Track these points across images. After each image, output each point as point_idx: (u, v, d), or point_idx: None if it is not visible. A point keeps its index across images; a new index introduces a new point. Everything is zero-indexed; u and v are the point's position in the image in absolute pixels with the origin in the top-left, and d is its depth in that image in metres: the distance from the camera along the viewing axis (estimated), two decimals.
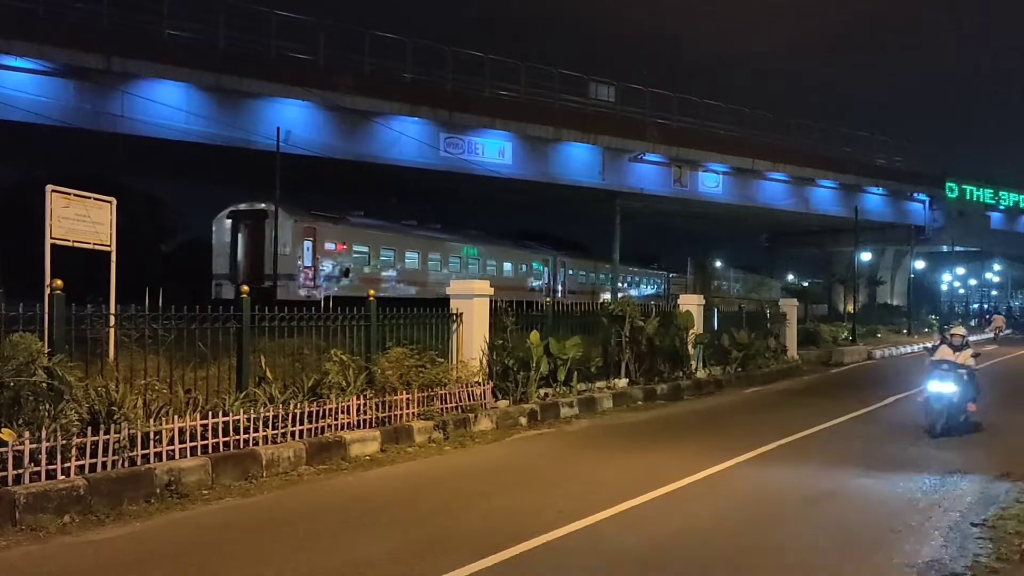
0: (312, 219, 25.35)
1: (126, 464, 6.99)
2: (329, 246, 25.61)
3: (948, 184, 49.43)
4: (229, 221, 25.24)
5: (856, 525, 6.67)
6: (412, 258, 29.12)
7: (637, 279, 47.18)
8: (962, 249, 55.81)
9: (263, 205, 24.36)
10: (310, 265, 24.59)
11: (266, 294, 8.57)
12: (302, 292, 23.78)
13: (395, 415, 9.78)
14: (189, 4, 26.21)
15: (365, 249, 27.15)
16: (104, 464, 6.83)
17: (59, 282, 7.37)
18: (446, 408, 10.55)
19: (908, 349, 31.08)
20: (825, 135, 42.50)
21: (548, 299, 21.60)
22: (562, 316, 14.26)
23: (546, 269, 36.79)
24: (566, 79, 33.16)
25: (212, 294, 23.07)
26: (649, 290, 47.25)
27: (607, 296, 16.33)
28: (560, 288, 36.65)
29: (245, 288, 9.43)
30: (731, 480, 8.36)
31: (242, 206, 25.45)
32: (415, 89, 29.39)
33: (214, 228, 25.85)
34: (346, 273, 25.87)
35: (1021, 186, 55.24)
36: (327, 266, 25.38)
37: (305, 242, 24.61)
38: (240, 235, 24.68)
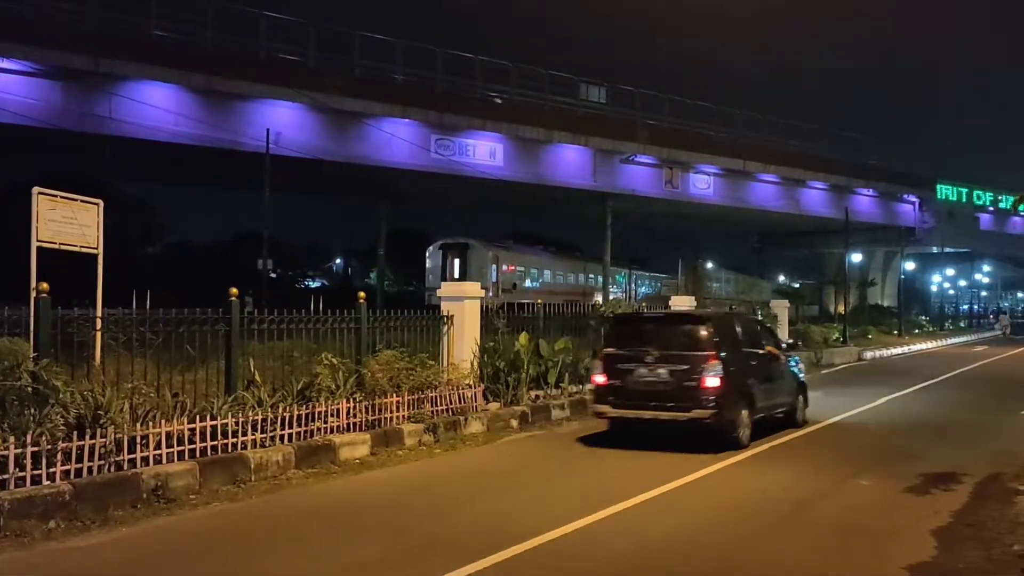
0: (496, 248, 34.91)
1: (112, 469, 6.91)
2: (505, 267, 34.90)
3: (938, 185, 49.73)
4: (440, 250, 34.76)
5: (851, 526, 6.66)
6: (547, 273, 39.12)
7: (621, 279, 47.71)
8: (952, 250, 56.21)
9: (464, 240, 34.35)
10: (495, 281, 33.08)
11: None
12: (490, 298, 29.10)
13: (385, 418, 9.72)
14: (177, 5, 26.09)
15: (522, 269, 36.95)
16: (90, 469, 6.75)
17: (45, 285, 7.29)
18: (437, 411, 10.50)
19: (899, 351, 31.25)
20: (816, 136, 42.65)
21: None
22: (552, 318, 14.23)
23: (624, 279, 45.60)
24: (557, 80, 33.18)
25: (425, 302, 25.95)
26: (642, 291, 47.42)
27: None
28: (632, 292, 44.23)
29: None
30: (724, 482, 8.34)
31: (448, 240, 34.93)
32: (405, 90, 29.35)
33: (428, 253, 35.78)
34: (514, 286, 34.44)
35: (1011, 187, 55.62)
36: (504, 281, 34.22)
37: (492, 265, 33.56)
38: (447, 259, 33.73)
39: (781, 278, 63.12)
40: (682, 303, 18.01)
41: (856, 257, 47.89)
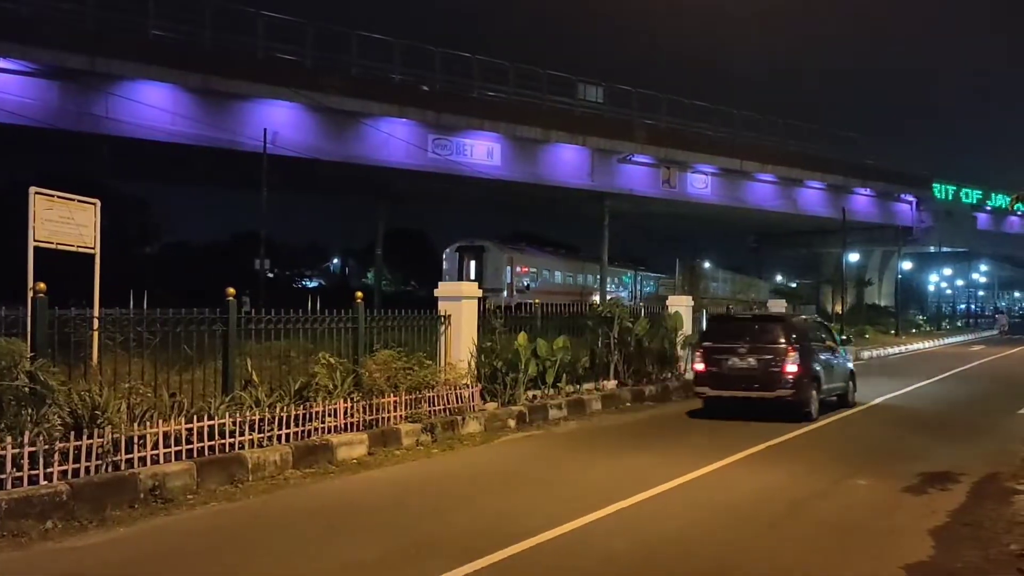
0: (510, 251, 36.20)
1: (110, 469, 6.90)
2: (518, 269, 35.98)
3: (935, 185, 49.81)
4: (457, 253, 35.40)
5: (848, 525, 6.67)
6: (557, 275, 40.08)
7: (615, 279, 48.18)
8: (949, 250, 56.28)
9: (480, 242, 35.41)
10: (510, 282, 34.73)
11: (483, 301, 13.03)
12: (504, 299, 30.39)
13: (383, 418, 9.72)
14: (175, 5, 26.06)
15: (535, 270, 37.87)
16: (87, 469, 6.74)
17: (42, 285, 7.28)
18: (434, 410, 10.50)
19: (896, 350, 31.29)
20: (813, 136, 42.73)
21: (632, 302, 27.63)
22: (550, 318, 14.23)
23: (630, 280, 47.15)
24: (554, 80, 33.22)
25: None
26: (627, 291, 47.55)
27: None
28: (639, 292, 45.80)
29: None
30: (722, 481, 8.35)
31: (465, 243, 35.65)
32: (403, 90, 29.35)
33: (445, 255, 36.36)
34: (527, 287, 35.25)
35: (1008, 187, 55.71)
36: (517, 282, 35.37)
37: (507, 267, 34.84)
38: (464, 261, 34.66)
39: (779, 278, 63.20)
40: (679, 303, 18.02)
41: (853, 257, 47.98)
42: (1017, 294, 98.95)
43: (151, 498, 6.91)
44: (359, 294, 10.91)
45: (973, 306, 77.65)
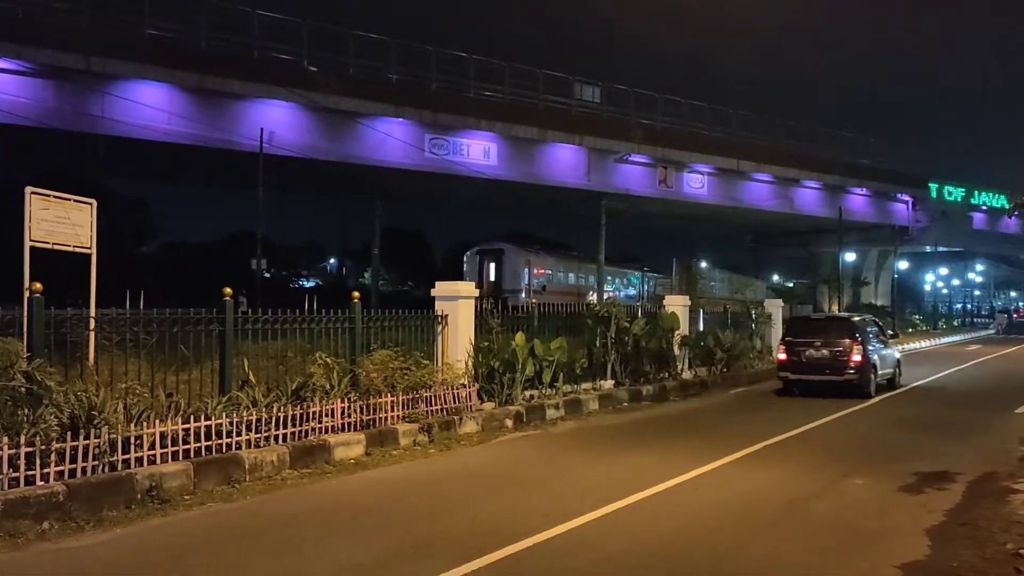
0: (528, 253, 37.92)
1: (106, 469, 6.89)
2: (535, 271, 37.63)
3: (931, 185, 49.87)
4: (477, 255, 37.40)
5: (844, 526, 6.68)
6: (571, 276, 41.49)
7: (624, 280, 48.31)
8: (945, 249, 56.41)
9: (500, 245, 37.68)
10: (527, 283, 36.13)
11: (503, 302, 13.91)
12: (522, 299, 30.99)
13: (380, 418, 9.72)
14: (170, 4, 26.01)
15: (550, 272, 39.41)
16: (84, 469, 6.73)
17: (38, 285, 7.26)
18: (431, 410, 10.50)
19: None
20: (810, 136, 42.79)
21: (642, 302, 28.77)
22: (548, 317, 14.23)
23: (638, 280, 48.09)
24: (551, 80, 33.21)
25: None
26: (635, 291, 47.63)
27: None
28: (645, 293, 46.62)
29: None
30: (718, 481, 8.35)
31: (485, 246, 37.97)
32: (399, 89, 29.32)
33: (465, 258, 38.50)
34: (543, 288, 36.48)
35: (1003, 187, 55.82)
36: (535, 283, 36.81)
37: (524, 268, 36.44)
38: (484, 263, 36.54)
39: (775, 277, 63.22)
40: (676, 303, 18.03)
41: (850, 256, 48.06)
42: (1013, 293, 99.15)
43: (148, 498, 6.90)
44: (356, 294, 10.90)
45: (969, 305, 77.76)
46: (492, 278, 35.19)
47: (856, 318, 17.87)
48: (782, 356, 16.32)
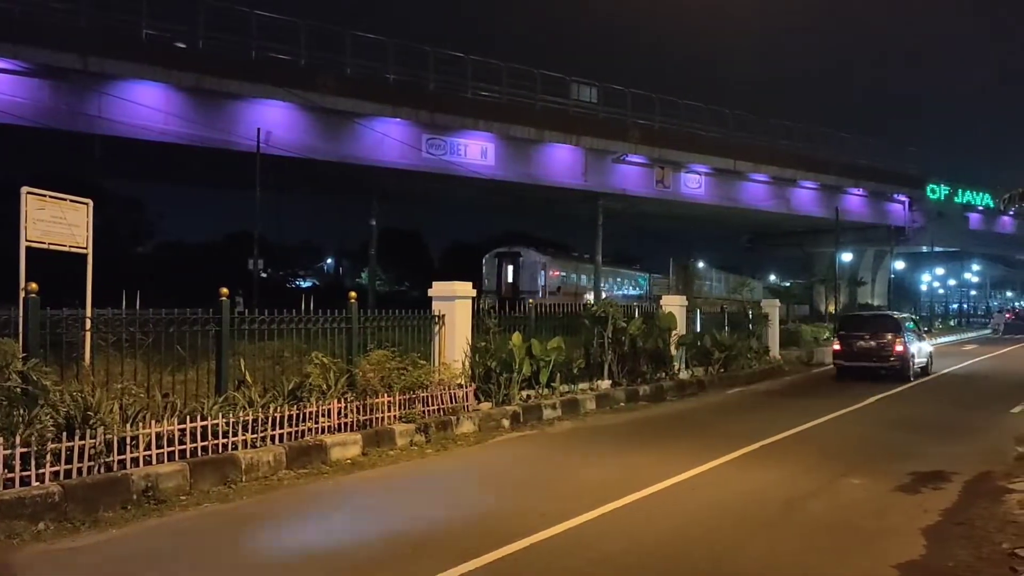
0: (544, 256, 39.77)
1: (102, 470, 6.88)
2: (551, 272, 39.43)
3: (928, 185, 49.93)
4: (495, 258, 38.97)
5: (841, 525, 6.69)
6: (583, 278, 42.35)
7: (632, 282, 49.17)
8: (941, 250, 56.44)
9: (517, 248, 39.34)
10: (544, 284, 38.04)
11: (522, 302, 14.30)
12: (539, 300, 31.61)
13: (376, 418, 9.71)
14: (167, 4, 25.97)
15: (564, 273, 41.07)
16: (80, 470, 6.71)
17: (34, 285, 7.24)
18: (428, 411, 10.49)
19: None
20: (807, 136, 42.80)
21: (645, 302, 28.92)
22: (545, 317, 14.23)
23: (645, 281, 49.49)
24: (548, 80, 33.18)
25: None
26: (632, 291, 47.73)
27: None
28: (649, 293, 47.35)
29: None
30: (715, 481, 8.36)
31: (503, 249, 39.56)
32: (397, 90, 29.29)
33: (484, 261, 39.80)
34: (559, 288, 38.35)
35: (1000, 186, 55.85)
36: (550, 284, 38.63)
37: (541, 271, 38.39)
38: (502, 265, 38.26)
39: (772, 277, 63.35)
40: (673, 302, 18.03)
41: (846, 256, 48.08)
42: (1009, 293, 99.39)
43: (144, 499, 6.88)
44: (353, 294, 10.89)
45: (965, 305, 77.90)
46: (510, 280, 37.15)
47: (898, 315, 21.44)
48: (837, 347, 19.89)
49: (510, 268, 38.00)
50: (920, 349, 20.17)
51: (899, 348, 18.76)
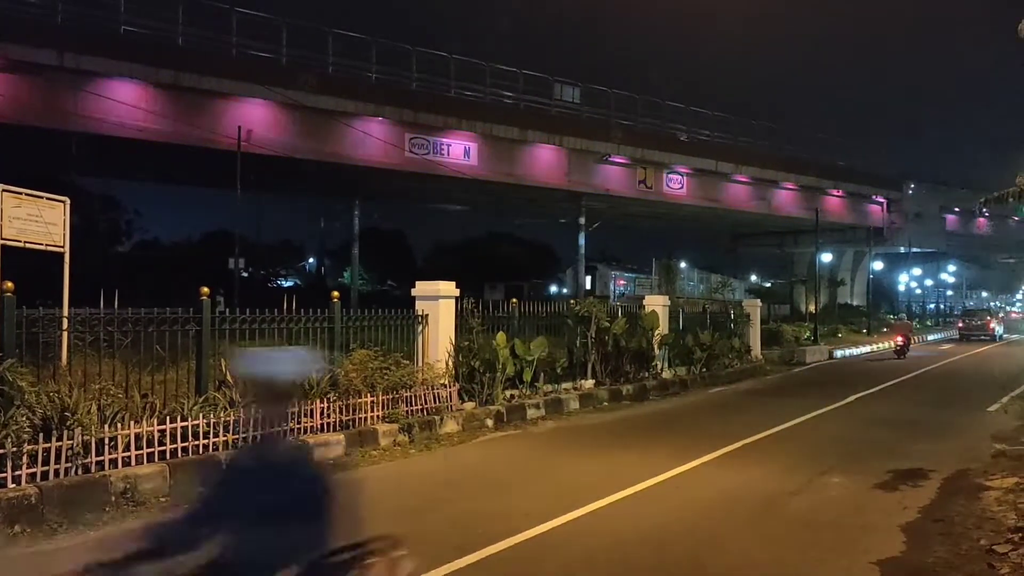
0: (612, 268, 49.57)
1: (80, 471, 6.79)
2: (618, 281, 47.77)
3: (905, 186, 50.46)
4: (570, 269, 45.69)
5: (821, 523, 6.73)
6: (637, 286, 46.88)
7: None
8: (919, 250, 57.05)
9: (594, 263, 46.11)
10: (613, 290, 45.92)
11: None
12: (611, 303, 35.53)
13: (360, 418, 9.66)
14: (146, 1, 25.70)
15: (625, 283, 48.21)
16: (57, 472, 6.63)
17: (10, 284, 7.13)
18: (412, 410, 10.45)
19: (868, 349, 31.65)
20: (788, 138, 43.20)
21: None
22: (528, 317, 14.22)
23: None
24: (531, 80, 33.19)
25: None
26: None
27: None
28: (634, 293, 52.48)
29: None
30: (697, 480, 8.39)
31: (584, 263, 41.88)
32: (380, 89, 29.17)
33: (568, 272, 48.37)
34: (623, 295, 42.46)
35: (975, 188, 56.54)
36: (617, 291, 45.04)
37: (611, 281, 47.08)
38: (579, 275, 42.32)
39: (753, 277, 63.74)
40: (656, 302, 18.08)
41: (826, 257, 48.49)
42: (984, 294, 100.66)
43: (122, 501, 6.81)
44: (335, 293, 10.83)
45: (942, 305, 78.74)
46: (588, 287, 43.11)
47: (989, 309, 27.92)
48: (960, 324, 30.36)
49: (589, 278, 44.77)
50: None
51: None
